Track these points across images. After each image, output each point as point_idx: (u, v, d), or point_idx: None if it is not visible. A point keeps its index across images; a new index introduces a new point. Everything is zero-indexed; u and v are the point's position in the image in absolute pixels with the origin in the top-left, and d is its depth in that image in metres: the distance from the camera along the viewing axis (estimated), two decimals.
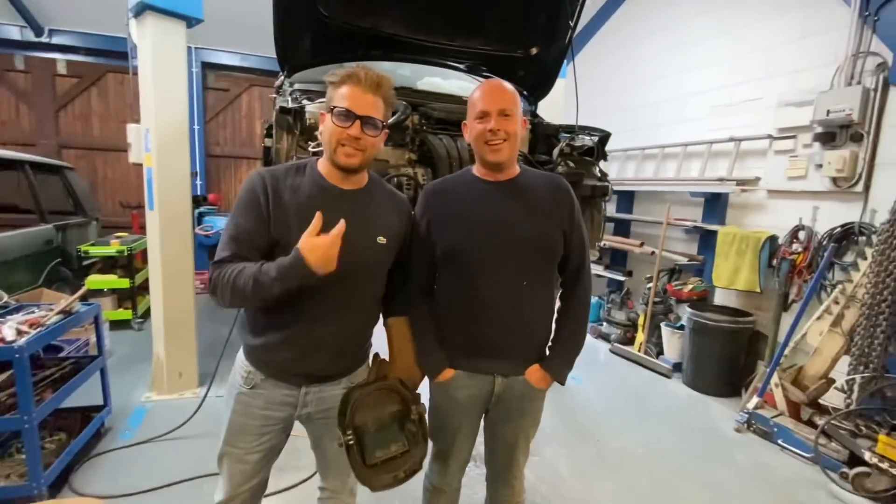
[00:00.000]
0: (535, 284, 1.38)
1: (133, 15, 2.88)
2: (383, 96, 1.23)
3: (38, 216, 3.85)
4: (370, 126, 1.20)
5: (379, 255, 1.32)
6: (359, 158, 1.23)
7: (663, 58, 4.79)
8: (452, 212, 1.38)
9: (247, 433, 1.34)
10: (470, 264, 1.36)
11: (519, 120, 1.33)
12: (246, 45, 5.86)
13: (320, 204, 1.22)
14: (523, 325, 1.39)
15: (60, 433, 2.44)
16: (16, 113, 5.54)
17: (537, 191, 1.39)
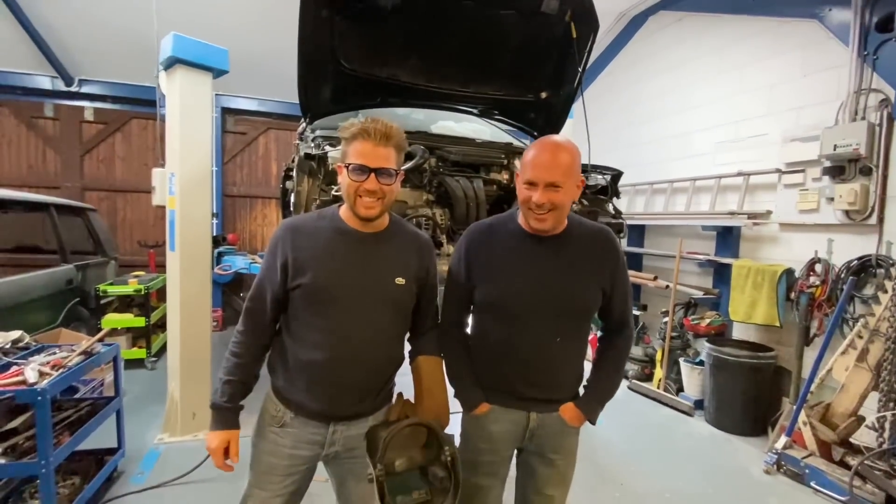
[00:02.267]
0: (568, 340, 1.40)
1: (163, 68, 3.06)
2: (395, 145, 1.27)
3: (61, 256, 3.95)
4: (385, 176, 1.25)
5: (398, 296, 1.34)
6: (378, 208, 1.27)
7: (667, 96, 4.93)
8: (495, 261, 1.39)
9: (274, 473, 1.34)
10: (505, 316, 1.38)
11: (572, 186, 1.29)
12: (263, 91, 6.13)
13: (338, 247, 1.30)
14: (552, 377, 1.42)
15: (74, 477, 2.41)
16: (43, 157, 5.78)
17: (583, 248, 1.39)
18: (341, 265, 1.29)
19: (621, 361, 1.50)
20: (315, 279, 1.27)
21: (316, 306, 1.30)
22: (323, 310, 1.29)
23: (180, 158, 3.02)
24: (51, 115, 5.76)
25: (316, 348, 1.28)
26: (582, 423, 1.44)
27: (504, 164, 2.41)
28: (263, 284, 1.34)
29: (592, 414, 1.43)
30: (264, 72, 5.49)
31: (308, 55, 2.20)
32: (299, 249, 1.29)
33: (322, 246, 1.30)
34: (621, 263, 1.41)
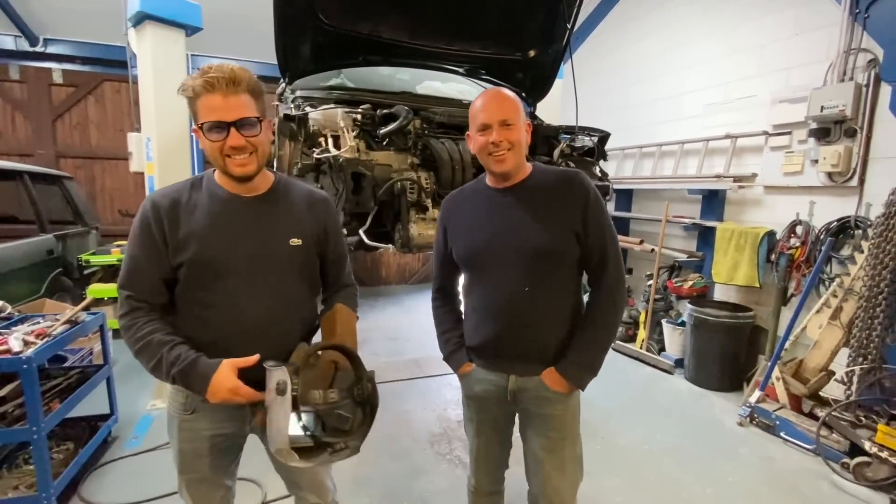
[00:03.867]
0: (539, 290, 1.35)
1: (132, 24, 2.90)
2: (247, 90, 1.12)
3: (39, 226, 3.85)
4: (247, 127, 1.12)
5: (296, 257, 1.26)
6: (253, 164, 1.16)
7: (658, 57, 4.83)
8: (464, 220, 1.43)
9: (200, 455, 1.28)
10: (478, 271, 1.41)
11: (522, 126, 1.32)
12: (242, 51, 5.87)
13: (221, 215, 1.19)
14: (525, 331, 1.38)
15: (68, 443, 2.45)
16: (12, 123, 5.52)
17: (547, 192, 1.36)
18: (228, 234, 1.19)
19: (607, 318, 1.37)
20: (199, 254, 1.16)
21: (204, 283, 1.18)
22: (212, 285, 1.18)
23: (156, 122, 2.91)
24: (17, 78, 5.47)
25: (212, 328, 1.19)
26: (568, 390, 1.35)
27: None
28: (138, 268, 1.18)
29: (577, 378, 1.34)
30: (241, 30, 5.24)
31: (285, 10, 2.09)
32: (176, 223, 1.17)
33: (202, 217, 1.18)
34: (592, 203, 1.33)
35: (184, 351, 1.14)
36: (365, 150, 2.11)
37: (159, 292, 1.20)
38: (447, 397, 3.50)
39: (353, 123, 2.06)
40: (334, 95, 2.29)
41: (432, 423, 3.10)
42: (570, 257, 1.36)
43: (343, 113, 2.02)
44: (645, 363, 4.23)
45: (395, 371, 3.93)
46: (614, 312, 1.39)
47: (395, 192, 2.10)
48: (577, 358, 1.36)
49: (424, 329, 5.17)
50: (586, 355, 1.37)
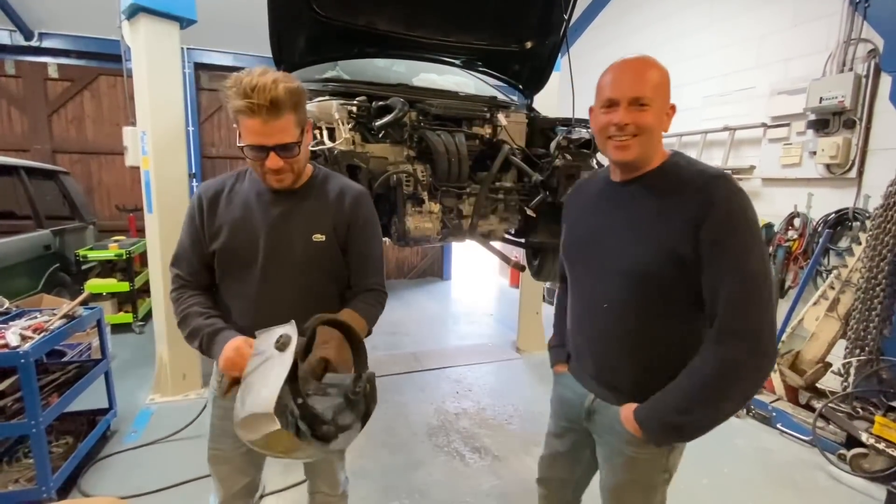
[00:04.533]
0: (623, 311, 1.11)
1: (126, 17, 2.86)
2: (288, 110, 1.09)
3: (36, 222, 3.84)
4: (286, 151, 1.13)
5: (317, 254, 1.25)
6: (290, 179, 1.20)
7: (655, 49, 4.80)
8: (575, 212, 1.27)
9: (227, 435, 1.33)
10: (571, 270, 1.26)
11: (662, 107, 1.05)
12: (238, 45, 5.82)
13: (252, 208, 1.24)
14: (600, 352, 1.19)
15: (67, 437, 2.46)
16: (8, 118, 5.49)
17: (666, 194, 1.05)
18: (255, 226, 1.23)
19: (705, 375, 1.00)
20: (228, 242, 1.23)
21: (234, 271, 1.26)
22: (240, 274, 1.25)
23: (151, 116, 2.89)
24: (12, 73, 5.42)
25: (241, 315, 1.25)
26: (639, 434, 1.10)
27: (487, 117, 2.35)
28: (184, 252, 1.29)
29: (647, 426, 1.08)
30: (237, 23, 5.19)
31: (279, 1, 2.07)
32: (216, 212, 1.25)
33: (236, 208, 1.25)
34: (717, 222, 0.96)
35: (216, 322, 1.21)
36: (360, 142, 2.10)
37: (201, 274, 1.29)
38: (445, 390, 3.51)
39: (348, 115, 2.04)
40: (329, 87, 2.27)
41: (430, 416, 3.11)
42: (667, 283, 1.05)
43: (338, 105, 2.01)
44: None
45: (394, 364, 3.94)
46: (718, 374, 0.99)
47: (390, 185, 2.09)
48: (656, 405, 1.08)
49: (423, 323, 5.18)
50: (666, 408, 1.06)
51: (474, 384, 3.63)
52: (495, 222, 2.47)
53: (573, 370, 1.31)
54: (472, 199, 2.29)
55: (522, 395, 3.47)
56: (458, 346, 4.54)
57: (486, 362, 4.08)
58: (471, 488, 2.39)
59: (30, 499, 2.04)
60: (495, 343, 4.58)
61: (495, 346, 4.48)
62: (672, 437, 1.12)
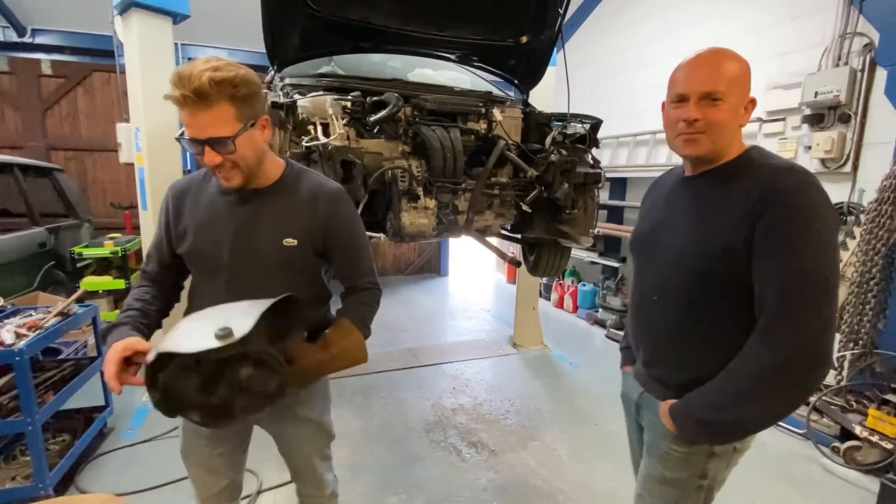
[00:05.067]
0: (673, 304, 1.10)
1: (118, 12, 2.84)
2: (220, 99, 1.00)
3: (30, 219, 3.82)
4: (218, 146, 1.04)
5: (289, 258, 1.18)
6: (238, 178, 1.10)
7: (651, 44, 4.79)
8: (645, 208, 1.29)
9: (200, 436, 1.30)
10: (634, 262, 1.27)
11: (737, 103, 1.00)
12: (232, 41, 5.78)
13: (219, 209, 1.19)
14: (649, 344, 1.19)
15: (64, 434, 2.46)
16: (1, 115, 5.45)
17: (732, 188, 1.01)
18: (222, 229, 1.17)
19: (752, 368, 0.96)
20: (194, 245, 1.20)
21: (203, 274, 1.23)
22: (210, 277, 1.22)
23: (145, 112, 2.87)
24: (5, 69, 5.38)
25: None
26: (673, 429, 1.09)
27: (482, 112, 2.34)
28: (153, 249, 1.28)
29: (682, 421, 1.06)
30: (230, 19, 5.15)
31: None
32: (181, 213, 1.22)
33: (202, 209, 1.20)
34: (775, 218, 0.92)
35: (127, 315, 1.17)
36: (355, 137, 2.10)
37: (167, 273, 1.28)
38: (442, 386, 3.52)
39: (342, 111, 2.03)
40: (324, 83, 2.26)
41: (427, 412, 3.12)
42: (719, 277, 1.01)
43: (332, 100, 2.00)
44: None
45: (391, 361, 3.95)
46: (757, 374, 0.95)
47: (385, 181, 2.09)
48: (691, 402, 1.05)
49: (420, 319, 5.19)
50: (702, 404, 1.04)
51: (471, 380, 3.64)
52: (491, 218, 2.47)
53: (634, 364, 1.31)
54: (468, 195, 2.29)
55: (519, 390, 3.48)
56: (456, 341, 4.55)
57: (484, 358, 4.09)
58: (467, 483, 2.40)
59: (27, 496, 2.04)
60: (492, 339, 4.59)
61: (492, 342, 4.49)
62: (705, 436, 1.07)
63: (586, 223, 2.41)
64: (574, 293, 5.48)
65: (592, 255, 5.20)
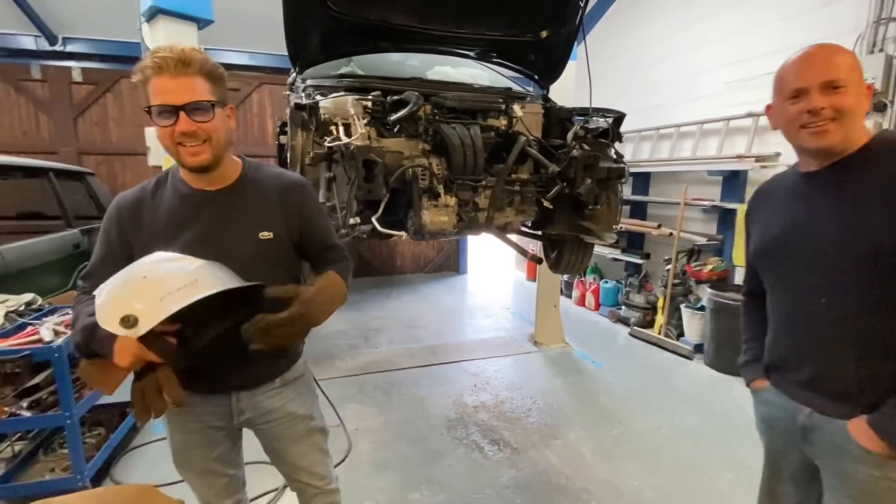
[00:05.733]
0: (848, 303, 1.01)
1: (145, 19, 2.93)
2: (200, 72, 1.04)
3: (65, 221, 3.97)
4: (199, 112, 1.04)
5: (267, 252, 1.19)
6: (207, 153, 1.08)
7: (675, 35, 4.68)
8: (764, 213, 1.20)
9: (190, 446, 1.29)
10: (771, 272, 1.18)
11: (858, 89, 0.98)
12: (254, 44, 5.89)
13: (183, 215, 1.15)
14: (820, 355, 1.07)
15: (99, 428, 2.55)
16: (36, 122, 5.67)
17: (886, 167, 0.98)
18: (191, 235, 1.14)
19: None
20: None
21: None
22: None
23: None
24: (38, 78, 5.60)
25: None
26: (884, 451, 0.95)
27: (502, 109, 2.33)
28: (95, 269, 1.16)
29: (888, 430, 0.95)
30: (252, 22, 5.25)
31: None
32: (139, 226, 1.15)
33: (166, 218, 1.14)
34: None
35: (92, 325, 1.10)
36: (376, 137, 2.11)
37: None
38: (463, 383, 3.52)
39: (363, 111, 2.05)
40: (345, 83, 2.28)
41: (448, 409, 3.13)
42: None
43: (353, 100, 2.01)
44: (663, 348, 4.17)
45: (411, 358, 3.97)
46: None
47: (406, 179, 2.09)
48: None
49: (439, 317, 5.20)
50: None
51: (492, 377, 3.63)
52: (512, 215, 2.45)
53: (777, 383, 1.19)
54: (488, 192, 2.28)
55: (541, 388, 3.46)
56: (476, 339, 4.55)
57: (504, 356, 4.07)
58: (490, 480, 2.40)
59: (65, 487, 2.12)
60: (512, 336, 4.57)
61: (513, 340, 4.47)
62: None
63: (610, 219, 2.38)
64: (596, 290, 5.41)
65: (615, 251, 5.13)
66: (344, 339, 4.39)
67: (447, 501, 2.25)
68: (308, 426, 1.38)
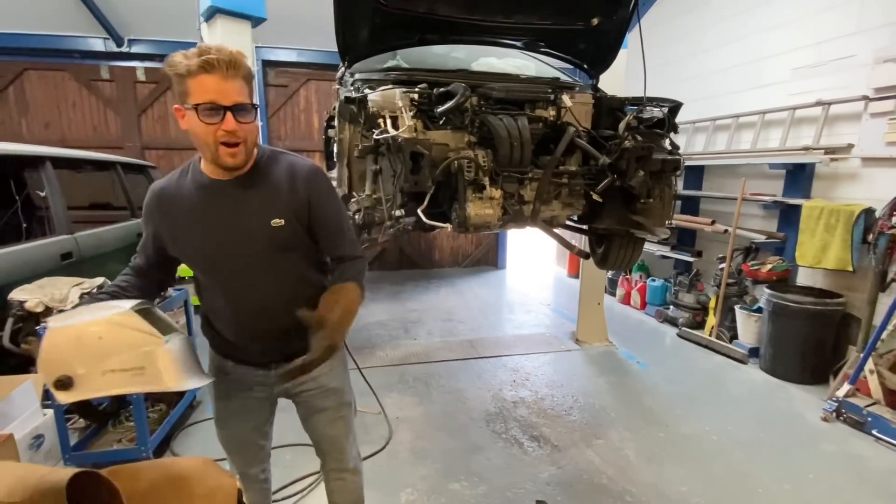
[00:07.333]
0: None
1: (204, 19, 3.06)
2: (245, 76, 1.11)
3: (130, 211, 4.26)
4: (243, 114, 1.10)
5: (280, 237, 1.23)
6: (242, 154, 1.15)
7: (736, 19, 4.40)
8: None
9: (231, 412, 1.41)
10: None
11: None
12: (302, 41, 6.05)
13: (201, 204, 1.21)
14: None
15: (161, 404, 2.73)
16: (104, 119, 6.11)
17: None
18: (208, 223, 1.21)
19: None
20: (186, 244, 1.24)
21: (203, 271, 1.27)
22: (207, 270, 1.26)
23: None
24: (107, 77, 6.01)
25: (219, 305, 1.29)
26: None
27: (551, 99, 2.26)
28: (141, 247, 1.32)
29: None
30: (302, 20, 5.39)
31: None
32: (166, 215, 1.24)
33: (186, 207, 1.22)
34: None
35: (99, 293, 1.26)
36: (422, 129, 2.11)
37: (148, 268, 1.31)
38: (502, 378, 3.50)
39: (410, 103, 2.05)
40: (392, 76, 2.30)
41: (488, 403, 3.12)
42: None
43: (401, 93, 2.02)
44: (714, 351, 3.97)
45: (450, 351, 3.99)
46: None
47: (451, 171, 2.09)
48: None
49: (478, 311, 5.19)
50: None
51: (532, 374, 3.59)
52: (558, 208, 2.39)
53: None
54: (535, 185, 2.23)
55: (582, 386, 3.39)
56: (515, 335, 4.51)
57: (544, 352, 4.02)
58: (529, 476, 2.38)
59: (131, 457, 2.29)
60: (553, 333, 4.50)
61: (553, 337, 4.40)
62: None
63: (663, 213, 2.27)
64: (642, 289, 5.22)
65: (664, 248, 4.91)
66: (384, 329, 4.47)
67: (486, 494, 2.25)
68: (338, 400, 1.47)
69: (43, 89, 5.86)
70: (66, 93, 5.93)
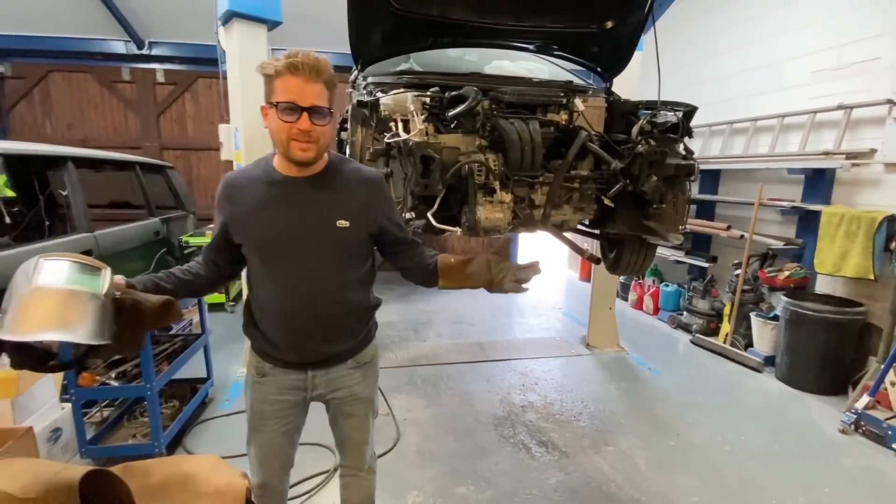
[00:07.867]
0: None
1: (222, 23, 3.12)
2: (325, 81, 1.17)
3: (148, 211, 4.34)
4: (318, 116, 1.16)
5: (343, 239, 1.29)
6: (313, 151, 1.20)
7: (754, 20, 4.32)
8: None
9: (265, 418, 1.42)
10: None
11: None
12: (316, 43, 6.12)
13: (272, 197, 1.26)
14: None
15: (174, 401, 2.78)
16: (124, 119, 6.25)
17: None
18: (276, 216, 1.26)
19: None
20: (252, 234, 1.28)
21: (261, 259, 1.30)
22: (267, 261, 1.30)
23: (243, 113, 3.13)
24: (127, 79, 6.15)
25: (271, 298, 1.32)
26: None
27: (563, 103, 2.25)
28: (213, 238, 1.38)
29: None
30: (316, 23, 5.46)
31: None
32: (236, 205, 1.29)
33: (256, 199, 1.27)
34: None
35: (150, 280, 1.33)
36: (434, 133, 2.11)
37: (216, 258, 1.38)
38: (511, 382, 3.49)
39: (421, 107, 2.06)
40: (404, 80, 2.31)
41: (495, 406, 3.11)
42: None
43: (412, 97, 2.02)
44: (728, 359, 3.90)
45: (459, 353, 3.99)
46: None
47: (462, 175, 2.09)
48: None
49: (488, 314, 5.18)
50: None
51: (541, 378, 3.57)
52: (569, 212, 2.37)
53: None
54: (546, 189, 2.22)
55: (592, 392, 3.35)
56: (525, 338, 4.48)
57: (554, 356, 3.99)
58: (537, 481, 2.36)
59: (144, 452, 2.33)
60: (563, 337, 4.46)
61: (563, 341, 4.36)
62: None
63: (676, 219, 2.24)
64: (655, 294, 5.15)
65: (678, 253, 4.85)
66: (394, 330, 4.49)
67: (493, 498, 2.24)
68: (367, 409, 1.51)
69: (66, 91, 6.02)
70: (89, 94, 6.08)
